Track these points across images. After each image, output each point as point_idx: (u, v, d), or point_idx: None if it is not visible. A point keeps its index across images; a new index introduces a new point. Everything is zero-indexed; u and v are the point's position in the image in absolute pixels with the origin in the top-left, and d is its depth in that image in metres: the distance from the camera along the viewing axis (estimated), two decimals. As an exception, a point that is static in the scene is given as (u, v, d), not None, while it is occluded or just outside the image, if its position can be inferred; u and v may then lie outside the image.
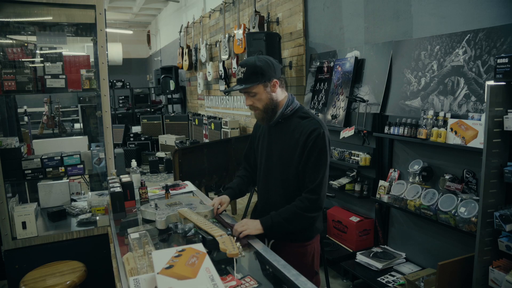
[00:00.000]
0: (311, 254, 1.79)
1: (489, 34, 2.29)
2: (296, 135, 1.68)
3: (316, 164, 1.65)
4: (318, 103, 3.78)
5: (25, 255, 2.48)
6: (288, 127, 1.73)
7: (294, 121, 1.72)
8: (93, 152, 2.77)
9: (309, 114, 1.73)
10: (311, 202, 1.64)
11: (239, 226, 1.65)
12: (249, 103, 1.71)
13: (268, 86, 1.67)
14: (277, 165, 1.75)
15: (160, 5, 10.65)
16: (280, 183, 1.75)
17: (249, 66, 1.64)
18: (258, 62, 1.65)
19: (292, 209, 1.65)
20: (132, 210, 2.05)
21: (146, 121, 8.70)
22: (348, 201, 3.65)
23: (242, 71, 1.65)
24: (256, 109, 1.72)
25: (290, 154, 1.70)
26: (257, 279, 1.33)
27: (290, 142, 1.70)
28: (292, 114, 1.73)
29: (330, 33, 3.77)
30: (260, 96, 1.67)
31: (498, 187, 2.03)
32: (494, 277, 2.03)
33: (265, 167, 1.82)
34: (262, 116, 1.73)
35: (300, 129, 1.68)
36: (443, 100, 2.60)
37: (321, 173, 1.65)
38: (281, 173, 1.74)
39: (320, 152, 1.65)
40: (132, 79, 11.73)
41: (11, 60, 2.54)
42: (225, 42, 5.86)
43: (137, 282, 1.13)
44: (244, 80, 1.65)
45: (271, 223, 1.65)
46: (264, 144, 1.82)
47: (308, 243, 1.77)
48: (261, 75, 1.64)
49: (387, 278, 2.74)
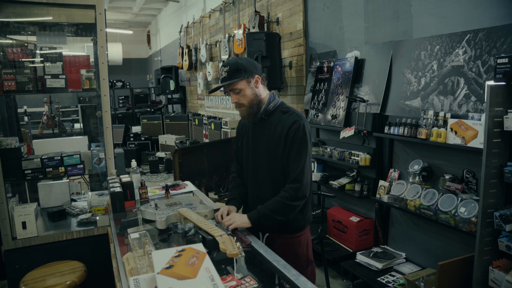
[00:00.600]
0: (305, 243, 1.86)
1: (489, 34, 2.29)
2: (278, 129, 1.76)
3: (297, 154, 1.72)
4: (318, 103, 3.78)
5: (25, 255, 2.48)
6: (271, 122, 1.80)
7: (276, 116, 1.80)
8: (93, 152, 2.77)
9: (289, 109, 1.81)
10: (294, 190, 1.70)
11: (226, 220, 1.69)
12: (234, 101, 1.79)
13: (251, 82, 1.76)
14: (264, 160, 1.82)
15: (160, 5, 10.64)
16: (269, 178, 1.81)
17: (231, 65, 1.74)
18: (240, 61, 1.76)
19: (277, 200, 1.71)
20: (132, 210, 2.05)
21: (146, 121, 8.69)
22: (348, 201, 3.65)
23: (225, 70, 1.75)
24: (241, 106, 1.79)
25: (275, 148, 1.77)
26: (257, 279, 1.33)
27: (274, 136, 1.77)
28: (274, 110, 1.82)
29: (330, 33, 3.77)
30: (244, 92, 1.76)
31: (498, 187, 2.03)
32: (494, 277, 2.03)
33: (252, 163, 1.88)
34: (247, 112, 1.80)
35: (282, 123, 1.76)
36: (443, 100, 2.60)
37: (302, 162, 1.71)
38: (269, 167, 1.80)
39: (300, 143, 1.72)
40: (132, 79, 11.73)
41: (11, 60, 2.54)
42: (225, 42, 5.86)
43: (137, 282, 1.14)
44: (228, 78, 1.74)
45: (257, 215, 1.71)
46: (249, 141, 1.89)
47: (301, 233, 1.84)
48: (244, 71, 1.74)
49: (387, 278, 2.74)
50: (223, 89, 1.80)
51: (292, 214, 1.74)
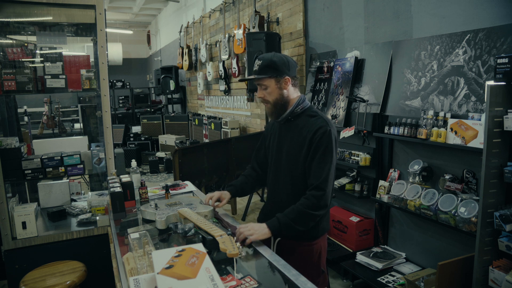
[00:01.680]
0: (318, 252, 1.78)
1: (489, 34, 2.29)
2: (304, 133, 1.71)
3: (321, 161, 1.66)
4: (318, 103, 3.78)
5: (25, 255, 2.48)
6: (297, 125, 1.76)
7: (303, 119, 1.75)
8: (93, 152, 2.77)
9: (317, 113, 1.75)
10: (317, 199, 1.62)
11: (245, 230, 1.58)
12: (260, 96, 1.77)
13: (280, 81, 1.72)
14: (286, 163, 1.77)
15: (160, 5, 10.65)
16: (289, 181, 1.76)
17: (265, 60, 1.72)
18: (274, 58, 1.72)
19: (298, 208, 1.63)
20: (132, 210, 2.05)
21: (146, 121, 8.70)
22: (348, 201, 3.65)
23: (258, 63, 1.73)
24: (266, 102, 1.77)
25: (298, 151, 1.72)
26: (257, 279, 1.33)
27: (298, 139, 1.72)
28: (301, 113, 1.77)
29: (330, 33, 3.77)
30: (271, 90, 1.73)
31: (498, 187, 2.03)
32: (494, 277, 2.03)
33: (275, 164, 1.84)
34: (271, 110, 1.78)
35: (308, 127, 1.71)
36: (443, 100, 2.60)
37: (326, 170, 1.65)
38: (290, 170, 1.75)
39: (325, 149, 1.66)
40: (132, 79, 11.74)
41: (11, 60, 2.53)
42: (225, 42, 5.86)
43: (137, 282, 1.13)
44: (258, 72, 1.72)
45: (278, 225, 1.61)
46: (275, 142, 1.85)
47: (314, 242, 1.76)
48: (274, 69, 1.70)
49: (387, 278, 2.74)
50: (254, 81, 1.78)
51: (313, 224, 1.66)
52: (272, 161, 1.86)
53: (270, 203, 1.89)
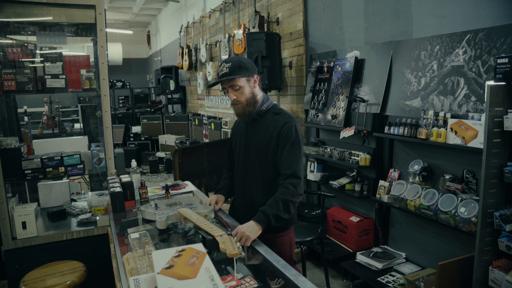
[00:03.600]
0: (288, 244, 1.88)
1: (489, 34, 2.29)
2: (270, 130, 1.80)
3: (291, 152, 1.75)
4: (318, 103, 3.78)
5: (25, 255, 2.48)
6: (263, 123, 1.85)
7: (268, 117, 1.85)
8: (93, 152, 2.77)
9: (281, 111, 1.86)
10: (295, 186, 1.70)
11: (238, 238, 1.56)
12: (233, 97, 1.81)
13: (251, 80, 1.81)
14: (255, 160, 1.85)
15: (160, 5, 10.64)
16: (259, 177, 1.84)
17: (234, 61, 1.78)
18: (242, 59, 1.81)
19: (280, 198, 1.69)
20: (132, 210, 2.05)
21: (146, 121, 8.70)
22: (348, 201, 3.65)
23: (227, 66, 1.78)
24: (238, 103, 1.82)
25: (266, 147, 1.80)
26: (257, 279, 1.33)
27: (266, 136, 1.81)
28: (267, 111, 1.86)
29: (330, 33, 3.77)
30: (243, 89, 1.79)
31: (498, 187, 2.03)
32: (494, 277, 2.03)
33: (243, 163, 1.91)
34: (243, 110, 1.83)
35: (273, 123, 1.81)
36: (443, 100, 2.60)
37: (296, 160, 1.75)
38: (260, 167, 1.83)
39: (293, 142, 1.75)
40: (132, 79, 11.73)
41: (11, 60, 2.54)
42: (225, 42, 5.86)
43: (137, 282, 1.13)
44: (229, 74, 1.77)
45: (266, 219, 1.64)
46: (242, 141, 1.92)
47: (284, 233, 1.86)
48: (246, 69, 1.78)
49: (387, 278, 2.74)
50: (222, 85, 1.82)
51: (294, 211, 1.74)
52: (240, 159, 1.93)
53: (241, 199, 1.95)
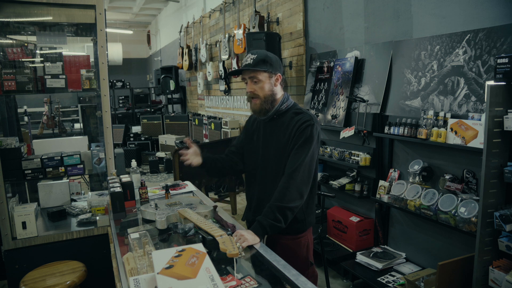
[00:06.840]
0: (305, 245, 1.81)
1: (489, 34, 2.29)
2: (289, 129, 1.72)
3: (298, 149, 1.66)
4: (318, 103, 3.78)
5: (25, 255, 2.48)
6: (283, 122, 1.77)
7: (288, 117, 1.77)
8: (93, 152, 2.77)
9: (302, 110, 1.78)
10: (287, 190, 1.61)
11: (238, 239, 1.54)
12: (250, 90, 1.74)
13: (273, 78, 1.74)
14: (274, 160, 1.77)
15: (160, 5, 10.64)
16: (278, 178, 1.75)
17: (260, 54, 1.72)
18: (269, 54, 1.74)
19: (274, 205, 1.60)
20: (132, 210, 2.05)
21: (146, 121, 8.70)
22: (348, 201, 3.65)
23: (252, 57, 1.72)
24: (256, 98, 1.75)
25: (285, 147, 1.73)
26: (257, 279, 1.33)
27: (285, 136, 1.74)
28: (286, 111, 1.79)
29: (330, 33, 3.77)
30: (263, 84, 1.73)
31: (498, 187, 2.03)
32: (494, 277, 2.03)
33: (261, 162, 1.83)
34: (260, 106, 1.75)
35: (293, 124, 1.72)
36: (443, 100, 2.60)
37: (301, 159, 1.64)
38: (278, 167, 1.75)
39: (306, 139, 1.66)
40: (132, 79, 11.73)
41: (11, 60, 2.54)
42: (225, 42, 5.86)
43: (137, 282, 1.13)
44: (253, 65, 1.70)
45: (262, 230, 1.59)
46: (260, 140, 1.85)
47: (301, 235, 1.80)
48: (270, 65, 1.72)
49: (387, 278, 2.74)
50: (242, 75, 1.76)
51: (292, 215, 1.64)
52: (258, 159, 1.84)
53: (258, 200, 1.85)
